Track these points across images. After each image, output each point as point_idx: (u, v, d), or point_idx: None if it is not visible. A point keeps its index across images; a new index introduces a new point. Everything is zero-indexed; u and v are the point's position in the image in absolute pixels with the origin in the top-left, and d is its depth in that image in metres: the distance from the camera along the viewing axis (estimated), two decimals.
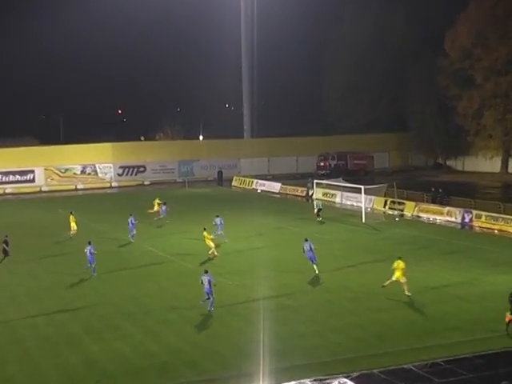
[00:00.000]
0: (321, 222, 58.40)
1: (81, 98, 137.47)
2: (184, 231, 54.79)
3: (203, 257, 45.14)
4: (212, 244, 44.91)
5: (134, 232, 51.17)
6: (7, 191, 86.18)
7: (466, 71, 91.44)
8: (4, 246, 45.35)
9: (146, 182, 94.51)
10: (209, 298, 33.08)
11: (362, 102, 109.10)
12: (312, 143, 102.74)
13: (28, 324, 32.09)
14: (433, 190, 65.28)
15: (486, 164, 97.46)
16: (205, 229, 45.48)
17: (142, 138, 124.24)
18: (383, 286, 34.97)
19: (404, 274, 34.45)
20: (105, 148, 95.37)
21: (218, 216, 49.82)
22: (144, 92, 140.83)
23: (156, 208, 59.84)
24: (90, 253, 40.98)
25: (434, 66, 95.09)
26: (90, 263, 41.08)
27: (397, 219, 59.14)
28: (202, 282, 33.28)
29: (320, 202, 61.57)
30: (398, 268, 34.56)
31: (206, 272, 33.65)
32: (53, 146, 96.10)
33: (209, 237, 45.04)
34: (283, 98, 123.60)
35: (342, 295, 35.35)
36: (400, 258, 34.93)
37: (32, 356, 28.13)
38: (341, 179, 65.81)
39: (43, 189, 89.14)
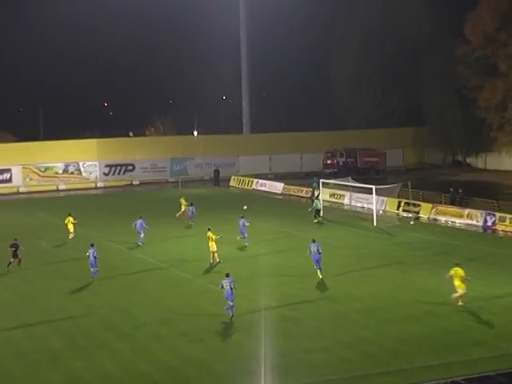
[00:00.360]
0: (319, 223, 59.17)
1: (63, 89, 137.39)
2: (177, 236, 54.80)
3: (199, 263, 45.21)
4: (215, 247, 44.80)
5: (142, 235, 51.81)
6: None
7: (488, 59, 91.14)
8: (13, 249, 46.01)
9: (134, 182, 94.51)
10: (231, 305, 33.71)
11: (374, 94, 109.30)
12: (318, 139, 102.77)
13: (4, 338, 32.01)
14: (451, 190, 65.24)
15: (510, 162, 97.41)
16: (209, 229, 45.44)
17: (131, 134, 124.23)
18: (457, 301, 34.64)
19: (464, 283, 34.35)
20: (89, 144, 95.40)
21: (242, 217, 50.29)
22: (133, 83, 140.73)
23: (183, 209, 60.72)
24: (94, 256, 41.78)
25: (452, 54, 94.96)
26: (93, 266, 41.90)
27: (412, 222, 59.08)
28: (222, 287, 33.76)
29: (318, 202, 62.13)
30: (457, 276, 34.40)
31: (228, 276, 34.06)
32: (31, 143, 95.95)
33: (213, 238, 44.87)
34: (286, 89, 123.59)
35: (351, 306, 35.30)
36: (458, 265, 34.80)
37: (8, 374, 28.03)
38: (350, 179, 65.75)
39: (21, 189, 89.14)
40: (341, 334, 31.27)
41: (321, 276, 40.23)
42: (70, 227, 53.93)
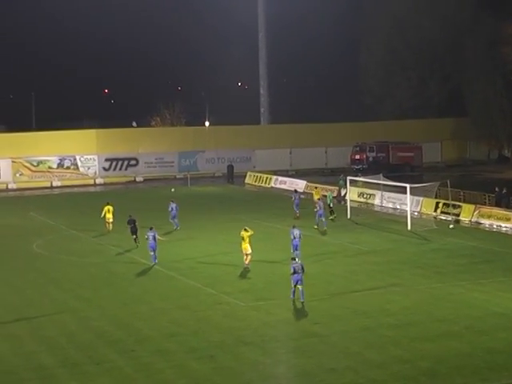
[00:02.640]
0: (333, 221, 60.33)
1: (58, 74, 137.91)
2: (185, 240, 54.79)
3: (209, 270, 45.44)
4: (250, 249, 45.01)
5: (176, 220, 57.47)
6: None
7: None
8: (130, 226, 50.98)
9: (138, 179, 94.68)
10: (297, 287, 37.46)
11: (408, 80, 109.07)
12: (345, 131, 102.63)
13: None
14: (497, 189, 64.90)
15: None
16: (246, 229, 45.43)
17: (134, 124, 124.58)
18: None
19: None
20: (87, 136, 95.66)
21: (319, 199, 55.96)
22: (137, 67, 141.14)
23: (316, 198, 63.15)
24: (154, 238, 46.01)
25: (497, 34, 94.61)
26: (153, 250, 46.21)
27: (451, 226, 58.88)
28: (294, 272, 37.12)
29: (330, 193, 64.52)
30: None
31: (294, 259, 38.34)
32: (22, 133, 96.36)
33: (248, 239, 45.04)
34: (309, 74, 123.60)
35: (382, 321, 35.17)
36: None
37: None
38: (381, 176, 65.65)
39: (10, 186, 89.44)
40: (369, 352, 31.16)
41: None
42: (110, 217, 56.25)
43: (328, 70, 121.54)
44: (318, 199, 61.37)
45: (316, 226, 57.65)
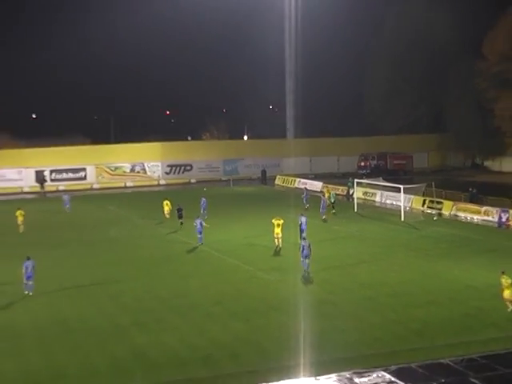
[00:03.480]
0: (334, 214, 59.48)
1: (131, 99, 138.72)
2: (226, 227, 54.83)
3: (247, 251, 45.43)
4: (280, 234, 44.93)
5: (204, 212, 57.33)
6: (60, 188, 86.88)
7: (503, 74, 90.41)
8: (178, 213, 54.21)
9: (192, 180, 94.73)
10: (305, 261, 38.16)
11: (403, 103, 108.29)
12: (353, 144, 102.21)
13: (78, 317, 32.28)
14: (470, 189, 64.48)
15: None
16: (277, 218, 45.47)
17: (189, 138, 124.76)
18: None
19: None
20: (153, 147, 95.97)
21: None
22: (191, 94, 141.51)
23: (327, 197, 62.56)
24: (201, 225, 47.12)
25: (472, 69, 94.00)
26: (200, 233, 47.16)
27: (435, 218, 58.55)
28: (303, 249, 37.86)
29: (334, 193, 63.74)
30: (507, 284, 31.05)
31: (305, 239, 39.48)
32: (104, 145, 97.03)
33: (281, 226, 44.91)
34: (326, 99, 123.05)
35: (381, 291, 35.05)
36: (504, 273, 31.66)
37: (82, 347, 28.28)
38: (381, 179, 65.40)
39: (94, 186, 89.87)
40: (372, 316, 31.08)
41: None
42: (168, 209, 57.62)
43: (340, 96, 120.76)
44: (323, 196, 61.36)
45: (324, 217, 57.49)
